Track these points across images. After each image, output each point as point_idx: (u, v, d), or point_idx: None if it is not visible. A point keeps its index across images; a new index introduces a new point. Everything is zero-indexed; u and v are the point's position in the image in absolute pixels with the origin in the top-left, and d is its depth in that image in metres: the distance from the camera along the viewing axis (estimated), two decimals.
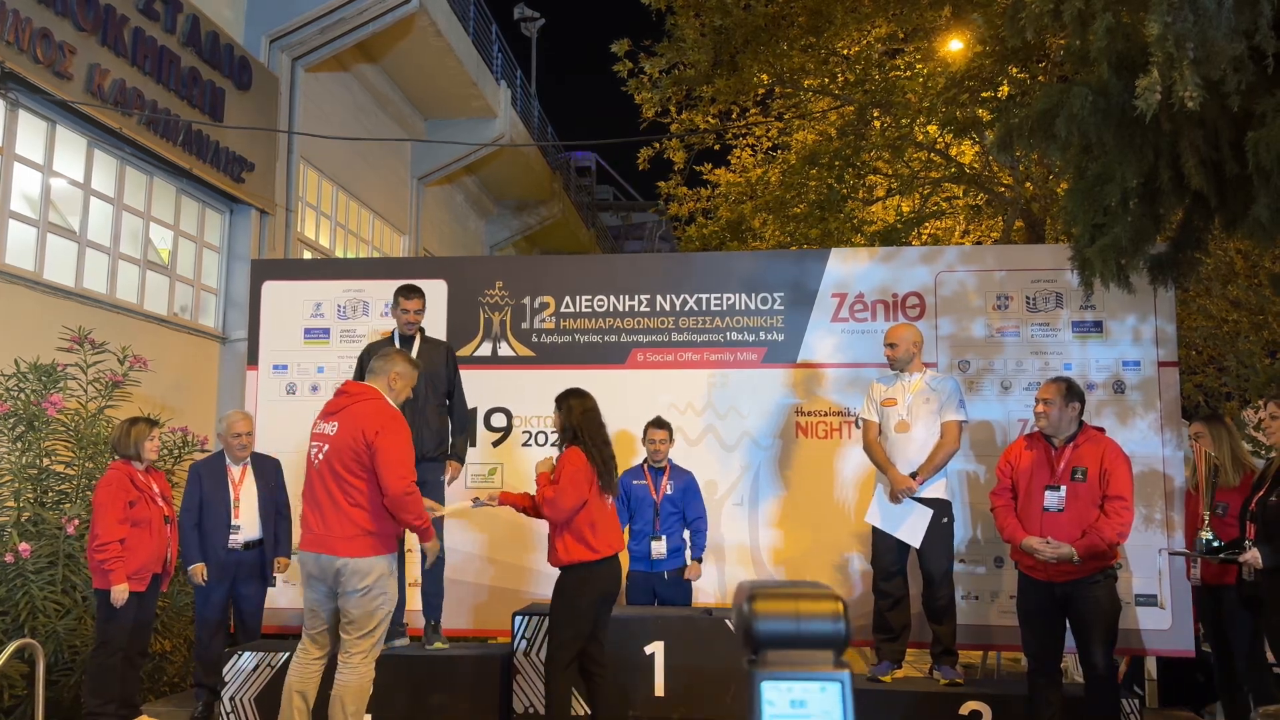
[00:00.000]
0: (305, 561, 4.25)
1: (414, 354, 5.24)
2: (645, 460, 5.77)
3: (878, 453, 5.14)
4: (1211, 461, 4.89)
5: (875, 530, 5.12)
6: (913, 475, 4.97)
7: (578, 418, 4.67)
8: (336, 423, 4.20)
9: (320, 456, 4.18)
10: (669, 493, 5.67)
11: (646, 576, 5.68)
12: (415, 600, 5.53)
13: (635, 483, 5.72)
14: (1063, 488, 4.49)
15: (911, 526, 4.98)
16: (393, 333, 5.43)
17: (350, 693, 4.14)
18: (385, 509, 4.19)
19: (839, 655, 1.61)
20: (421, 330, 5.41)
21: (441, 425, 5.34)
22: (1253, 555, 4.33)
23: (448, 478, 5.38)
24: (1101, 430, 4.73)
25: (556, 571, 4.55)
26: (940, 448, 5.00)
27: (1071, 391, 4.57)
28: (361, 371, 5.19)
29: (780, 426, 6.01)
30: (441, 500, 5.30)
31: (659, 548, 5.63)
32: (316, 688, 4.25)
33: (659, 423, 5.70)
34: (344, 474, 4.14)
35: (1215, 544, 4.66)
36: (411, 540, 5.38)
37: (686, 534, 5.70)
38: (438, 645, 5.24)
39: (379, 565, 4.18)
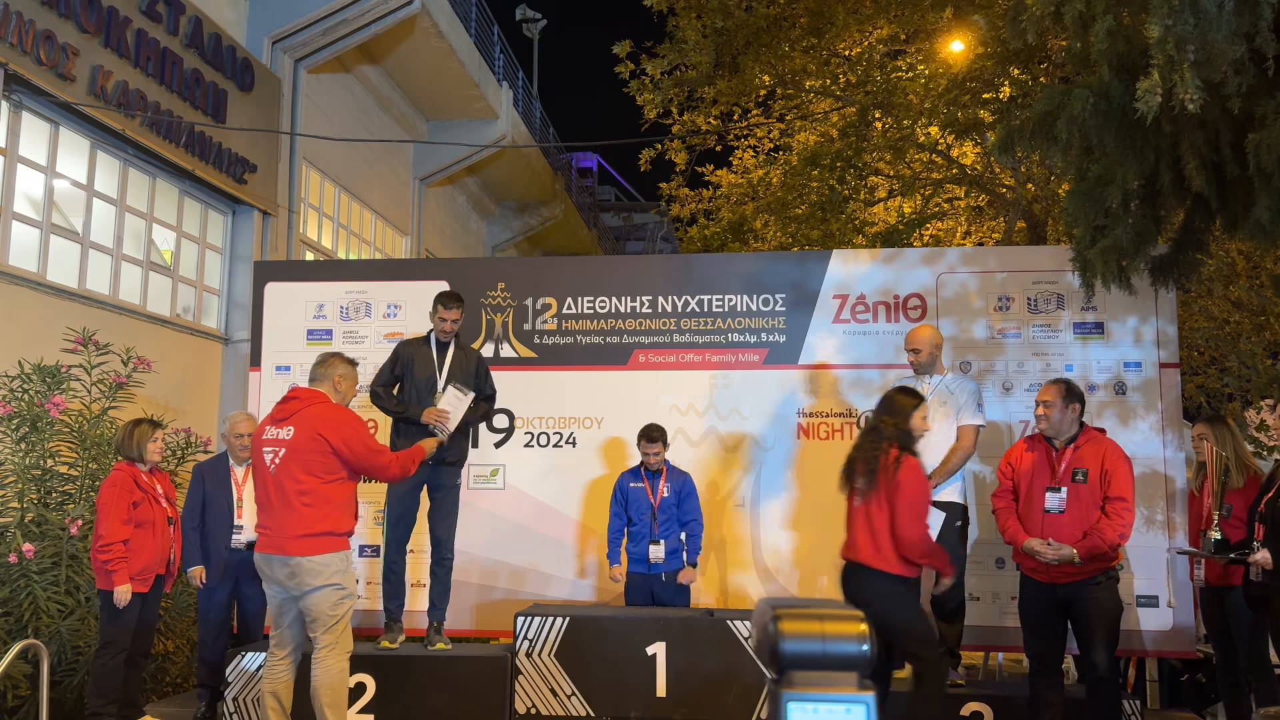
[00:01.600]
0: (260, 564, 4.39)
1: (449, 359, 5.36)
2: (642, 463, 5.77)
3: None
4: (1223, 462, 4.89)
5: None
6: None
7: None
8: (292, 427, 4.31)
9: (277, 461, 4.28)
10: (665, 495, 5.66)
11: (645, 578, 5.68)
12: (420, 601, 5.54)
13: (632, 485, 5.72)
14: (1063, 489, 4.49)
15: None
16: (428, 334, 5.46)
17: (324, 688, 4.29)
18: (336, 507, 4.31)
19: (863, 676, 1.62)
20: (457, 337, 5.46)
21: (463, 432, 5.37)
22: (1263, 556, 4.34)
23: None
24: (1102, 431, 4.73)
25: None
26: (954, 451, 4.99)
27: (1071, 393, 4.57)
28: (389, 369, 5.37)
29: (782, 428, 6.02)
30: (456, 506, 5.38)
31: (656, 551, 5.62)
32: (289, 687, 4.40)
33: (650, 436, 5.62)
34: (301, 475, 4.25)
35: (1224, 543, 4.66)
36: (415, 541, 5.40)
37: (683, 536, 5.70)
38: (440, 646, 5.25)
39: (332, 562, 4.30)
